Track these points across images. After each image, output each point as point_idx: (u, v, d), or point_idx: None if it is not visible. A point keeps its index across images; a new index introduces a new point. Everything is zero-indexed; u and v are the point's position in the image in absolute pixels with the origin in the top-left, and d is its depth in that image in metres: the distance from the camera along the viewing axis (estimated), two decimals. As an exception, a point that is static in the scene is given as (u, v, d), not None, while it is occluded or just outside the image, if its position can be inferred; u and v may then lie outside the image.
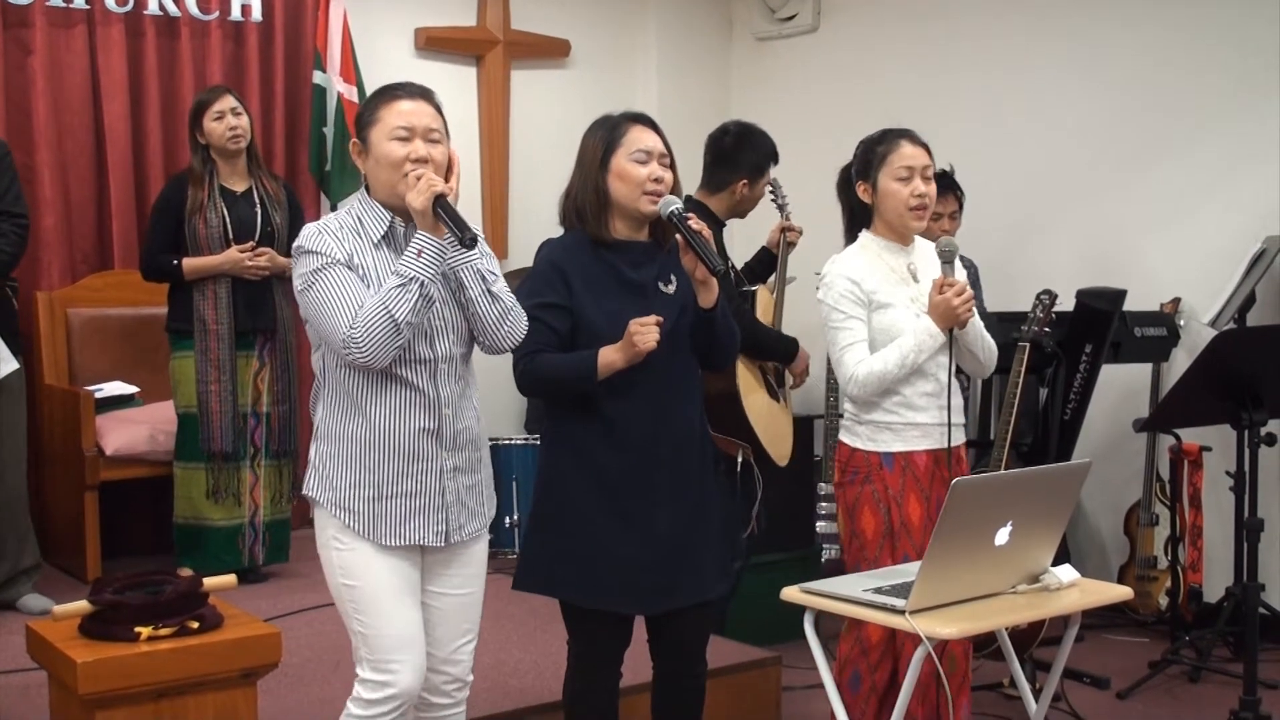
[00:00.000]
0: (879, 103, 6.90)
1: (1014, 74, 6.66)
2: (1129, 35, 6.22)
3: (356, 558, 3.16)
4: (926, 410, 3.86)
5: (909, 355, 3.79)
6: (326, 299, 3.07)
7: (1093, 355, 5.37)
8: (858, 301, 3.86)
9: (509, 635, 4.97)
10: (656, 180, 3.47)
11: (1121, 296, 5.38)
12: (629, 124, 3.53)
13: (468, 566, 3.32)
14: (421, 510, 3.18)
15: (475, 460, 3.30)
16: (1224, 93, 5.91)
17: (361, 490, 3.15)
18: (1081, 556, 6.18)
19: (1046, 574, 3.33)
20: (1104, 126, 6.32)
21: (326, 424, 3.21)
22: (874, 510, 3.86)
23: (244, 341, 5.64)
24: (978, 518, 3.09)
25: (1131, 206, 6.23)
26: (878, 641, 3.87)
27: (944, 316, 3.79)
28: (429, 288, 3.05)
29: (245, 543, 5.68)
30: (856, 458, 3.92)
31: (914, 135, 3.93)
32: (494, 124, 7.39)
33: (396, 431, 3.15)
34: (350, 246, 3.14)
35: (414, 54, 7.20)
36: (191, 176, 5.63)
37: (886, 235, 3.94)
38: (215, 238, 5.55)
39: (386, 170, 3.15)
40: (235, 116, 5.62)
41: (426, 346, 3.16)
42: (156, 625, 3.33)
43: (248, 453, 5.67)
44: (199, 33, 6.49)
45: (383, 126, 3.16)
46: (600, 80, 7.76)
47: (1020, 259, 6.50)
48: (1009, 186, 6.56)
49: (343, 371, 3.16)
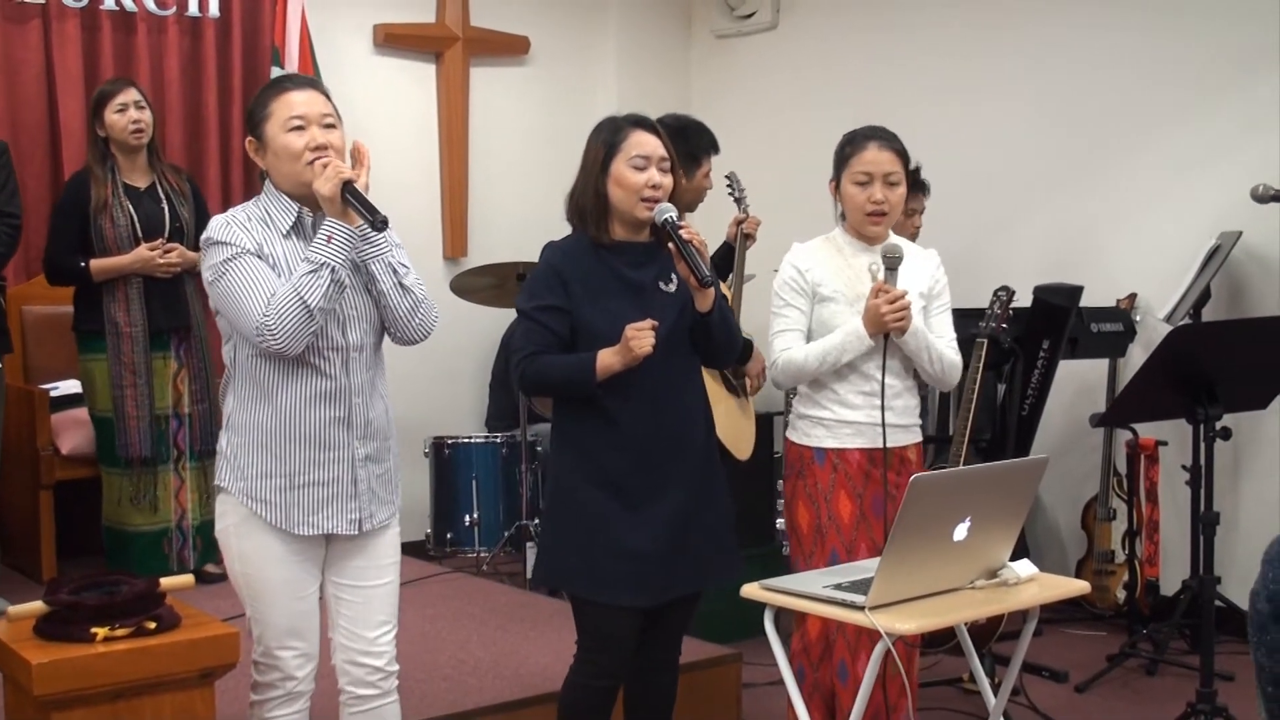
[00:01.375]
0: (839, 100, 6.91)
1: (973, 71, 6.68)
2: (1087, 34, 6.25)
3: (255, 546, 3.21)
4: (862, 409, 3.85)
5: (830, 354, 3.81)
6: (238, 288, 3.10)
7: (1050, 351, 5.39)
8: (799, 290, 3.88)
9: (469, 634, 4.96)
10: (654, 186, 3.50)
11: (1078, 292, 5.41)
12: (630, 128, 3.56)
13: (379, 556, 3.34)
14: (334, 498, 3.22)
15: (385, 449, 3.34)
16: (1179, 92, 5.94)
17: (273, 480, 3.19)
18: (1040, 551, 6.21)
19: (1005, 569, 3.34)
20: (1062, 124, 6.35)
21: (237, 414, 3.24)
22: (807, 505, 3.88)
23: (158, 342, 5.51)
24: (936, 513, 3.10)
25: (1089, 203, 6.26)
26: (816, 638, 3.88)
27: (873, 322, 3.78)
28: (340, 273, 3.09)
29: (173, 547, 5.58)
30: (792, 452, 3.95)
31: (885, 137, 3.92)
32: (453, 121, 7.36)
33: (308, 420, 3.18)
34: (259, 237, 3.16)
35: (372, 50, 7.16)
36: (91, 173, 5.50)
37: (854, 233, 3.96)
38: (124, 237, 5.44)
39: (287, 162, 3.17)
40: (138, 110, 5.50)
41: (340, 334, 3.19)
42: (113, 626, 3.30)
43: (170, 456, 5.57)
44: (155, 28, 6.44)
45: (276, 119, 3.18)
46: (560, 78, 7.74)
47: (980, 255, 6.52)
48: (969, 183, 6.58)
49: (253, 361, 3.18)
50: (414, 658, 4.46)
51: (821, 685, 3.92)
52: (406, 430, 5.13)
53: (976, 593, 3.28)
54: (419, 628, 4.95)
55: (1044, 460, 3.41)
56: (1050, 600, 3.45)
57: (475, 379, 7.18)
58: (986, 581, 3.31)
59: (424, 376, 6.78)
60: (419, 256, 6.79)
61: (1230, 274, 5.70)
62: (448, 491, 6.45)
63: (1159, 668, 5.31)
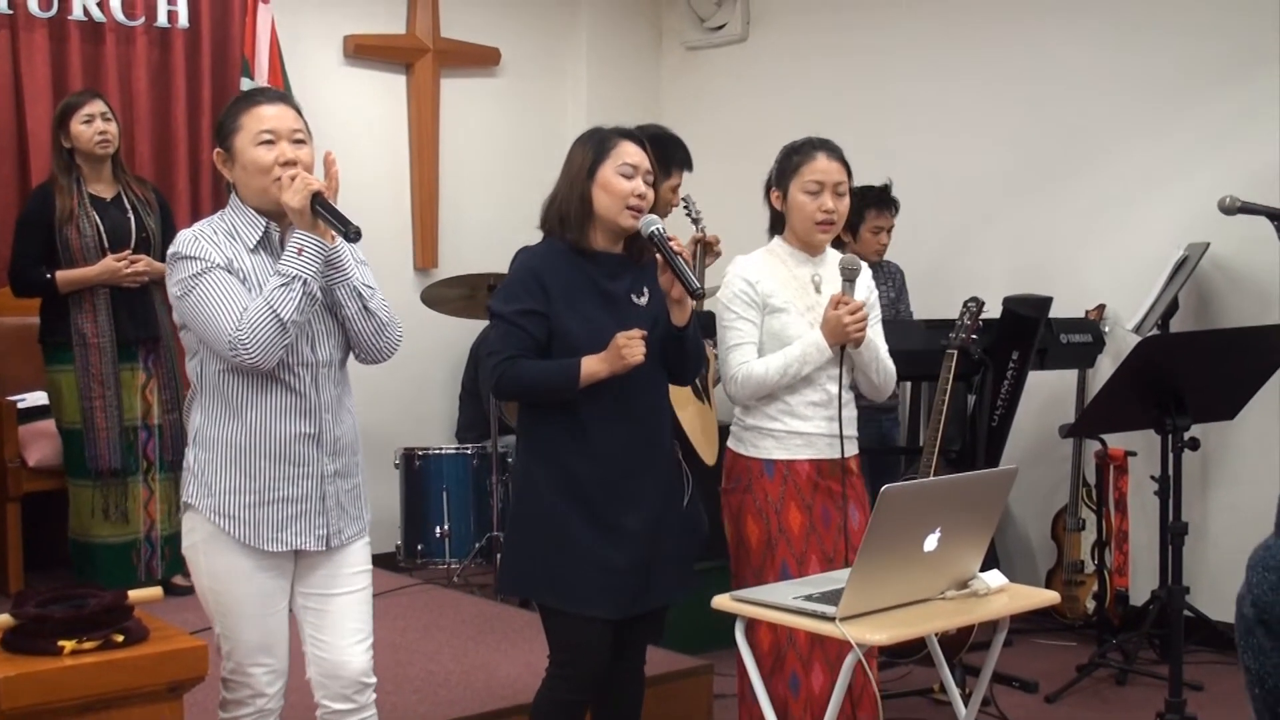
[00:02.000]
0: (809, 112, 6.93)
1: (943, 84, 6.71)
2: (1056, 48, 6.28)
3: (223, 563, 3.20)
4: (811, 420, 3.85)
5: (792, 365, 3.79)
6: (209, 303, 3.08)
7: (1019, 362, 5.41)
8: (750, 303, 3.86)
9: (440, 646, 4.94)
10: (639, 196, 3.51)
11: (1048, 303, 5.43)
12: (619, 138, 3.57)
13: (347, 567, 3.32)
14: (303, 515, 3.21)
15: (354, 464, 3.33)
16: (1147, 104, 5.97)
17: (241, 496, 3.18)
18: (1010, 561, 6.23)
19: (975, 579, 3.34)
20: (1031, 136, 6.38)
21: (205, 430, 3.22)
22: (756, 518, 3.85)
23: (126, 353, 5.48)
24: (907, 524, 3.10)
25: (1058, 215, 6.29)
26: (767, 650, 3.82)
27: (834, 332, 3.78)
28: (312, 285, 3.09)
29: (141, 558, 5.55)
30: (739, 464, 3.92)
31: (832, 148, 3.92)
32: (424, 132, 7.35)
33: (276, 436, 3.17)
34: (228, 251, 3.15)
35: (343, 62, 7.15)
36: (56, 184, 5.46)
37: (796, 244, 3.94)
38: (90, 247, 5.41)
39: (255, 176, 3.16)
40: (105, 122, 5.47)
41: (309, 350, 3.18)
42: (80, 639, 3.27)
43: (140, 467, 5.54)
44: (124, 39, 6.41)
45: (246, 133, 3.16)
46: (530, 89, 7.74)
47: (950, 266, 6.55)
48: (939, 195, 6.61)
49: (222, 377, 3.17)
50: (385, 670, 4.43)
51: (773, 699, 3.90)
52: (377, 441, 5.13)
53: (947, 603, 3.28)
54: (389, 640, 4.93)
55: (1013, 471, 3.42)
56: (1020, 610, 3.46)
57: (445, 390, 7.17)
58: (957, 592, 3.32)
59: (394, 387, 6.76)
60: (389, 267, 6.84)
61: (1198, 285, 5.74)
62: (418, 503, 6.43)
63: (1129, 677, 5.33)
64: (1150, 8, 5.95)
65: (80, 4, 6.26)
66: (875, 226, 5.88)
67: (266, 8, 6.61)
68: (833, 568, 3.72)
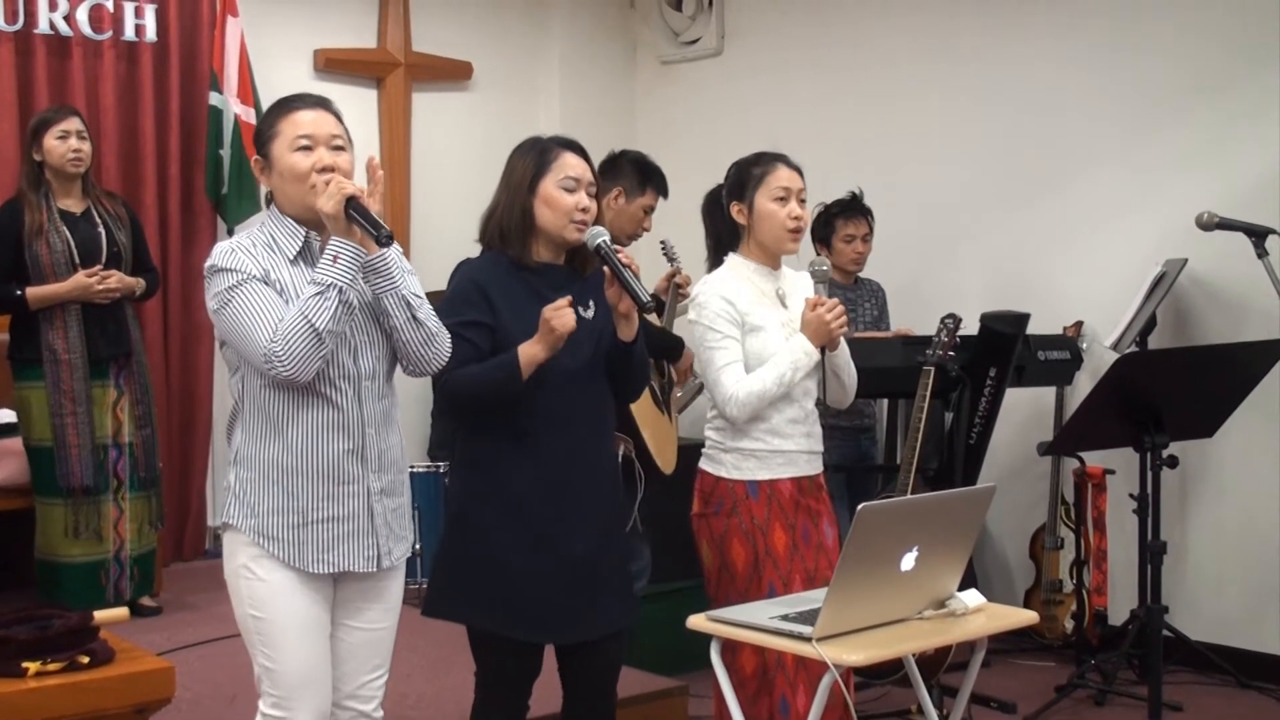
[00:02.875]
0: (785, 127, 6.95)
1: (919, 98, 6.74)
2: (1032, 64, 6.31)
3: (267, 590, 3.10)
4: (792, 437, 3.86)
5: (786, 373, 3.78)
6: (245, 315, 3.02)
7: (997, 379, 5.42)
8: (733, 321, 3.83)
9: (413, 666, 4.93)
10: (583, 210, 3.47)
11: (1025, 320, 5.45)
12: (560, 150, 3.53)
13: (385, 600, 3.27)
14: (350, 535, 3.14)
15: (399, 483, 3.27)
16: (1124, 120, 6.00)
17: (285, 516, 3.09)
18: (988, 581, 6.24)
19: (953, 599, 3.34)
20: (1007, 151, 6.40)
21: (246, 448, 3.14)
22: (743, 542, 3.82)
23: (98, 370, 5.47)
24: (884, 543, 3.11)
25: (1036, 231, 6.31)
26: (752, 673, 3.80)
27: (818, 333, 3.78)
28: (348, 293, 3.02)
29: (109, 578, 5.53)
30: (721, 487, 3.87)
31: (789, 160, 3.94)
32: (395, 147, 7.35)
33: (319, 453, 3.10)
34: (266, 263, 3.09)
35: (313, 75, 7.15)
36: (25, 200, 5.45)
37: (758, 258, 3.93)
38: (61, 262, 5.40)
39: (293, 183, 3.10)
40: (80, 140, 5.47)
41: (351, 361, 3.12)
42: (45, 660, 3.26)
43: (110, 485, 5.53)
44: (91, 52, 6.40)
45: (283, 139, 3.11)
46: (503, 103, 7.75)
47: (927, 283, 6.56)
48: (915, 211, 6.62)
49: (263, 393, 3.10)
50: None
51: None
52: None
53: (924, 623, 3.28)
54: (360, 662, 4.90)
55: (991, 489, 3.43)
56: (998, 631, 3.46)
57: (417, 406, 7.15)
58: (934, 612, 3.31)
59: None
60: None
61: (1176, 301, 5.76)
62: (389, 523, 6.40)
63: (1107, 698, 5.33)
64: (1126, 25, 5.98)
65: (46, 18, 6.25)
66: (847, 235, 5.88)
67: (236, 21, 6.61)
68: (814, 586, 3.71)
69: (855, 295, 5.97)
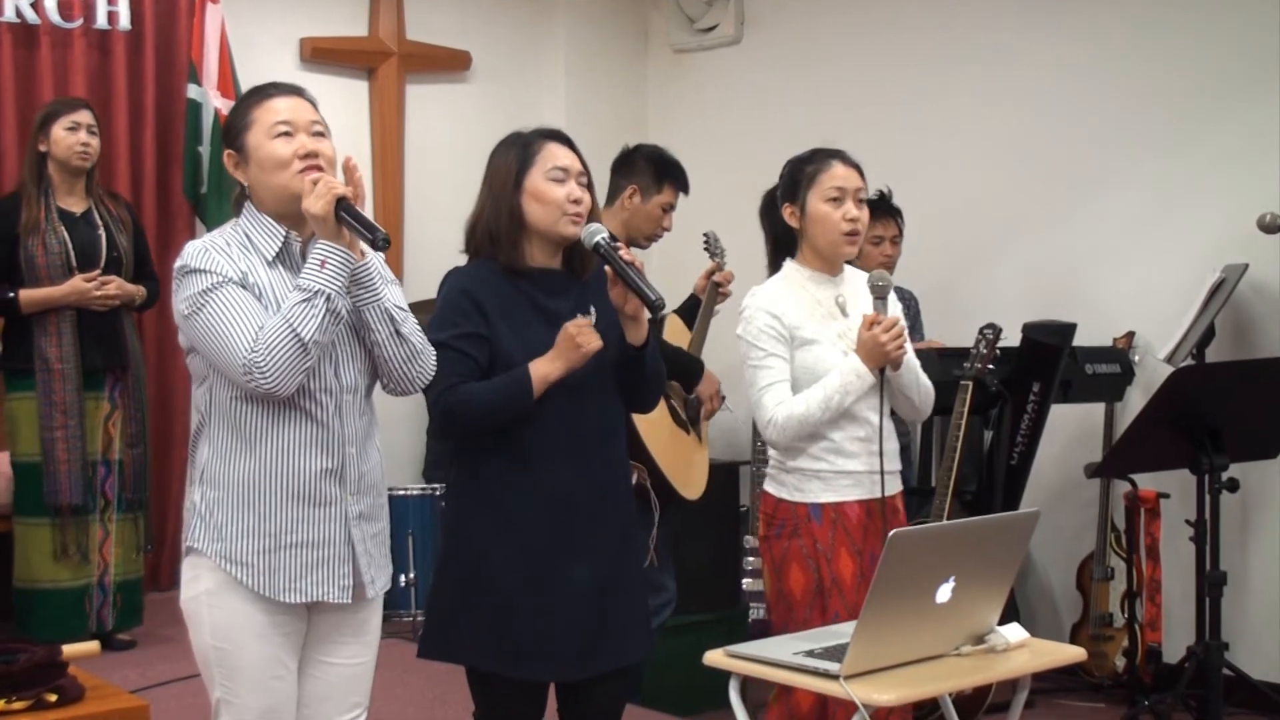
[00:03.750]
0: (806, 120, 6.94)
1: (955, 91, 6.72)
2: (1079, 53, 6.29)
3: (232, 620, 3.07)
4: (858, 457, 3.84)
5: (833, 397, 3.76)
6: (221, 322, 2.98)
7: (1041, 394, 5.41)
8: (778, 338, 3.83)
9: (404, 707, 4.92)
10: (576, 201, 3.46)
11: (1071, 330, 5.43)
12: (542, 140, 3.52)
13: (363, 634, 3.25)
14: (326, 561, 3.10)
15: (379, 506, 3.25)
16: (1177, 113, 5.98)
17: (256, 539, 3.06)
18: (1031, 614, 6.21)
19: (993, 633, 3.33)
20: (1052, 147, 6.38)
21: (213, 466, 3.10)
22: (803, 567, 3.82)
23: (92, 381, 5.51)
24: (917, 572, 3.09)
25: (1082, 233, 6.29)
26: (809, 710, 3.80)
27: (872, 355, 3.76)
28: (336, 301, 2.99)
29: (92, 605, 5.55)
30: (782, 509, 3.88)
31: (847, 156, 3.92)
32: (387, 143, 7.36)
33: (295, 472, 3.06)
34: (243, 264, 3.06)
35: (299, 66, 7.15)
36: (24, 194, 5.50)
37: (814, 264, 3.93)
38: (56, 264, 5.43)
39: (273, 172, 3.08)
40: (90, 134, 5.54)
41: (333, 375, 3.09)
42: (9, 698, 3.25)
43: (97, 505, 5.55)
44: (60, 42, 6.41)
45: (260, 127, 3.10)
46: (504, 96, 7.75)
47: (962, 290, 6.54)
48: (950, 212, 6.61)
49: (235, 405, 3.07)
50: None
51: None
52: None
53: (962, 660, 3.27)
54: (348, 701, 4.90)
55: (1035, 514, 3.41)
56: (1043, 668, 3.44)
57: (411, 424, 7.15)
58: (973, 647, 3.30)
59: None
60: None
61: (1236, 310, 5.74)
62: (381, 550, 6.40)
63: (1162, 742, 5.31)
64: (1177, 12, 5.96)
65: (12, 4, 6.27)
66: (875, 236, 5.85)
67: (215, 8, 6.62)
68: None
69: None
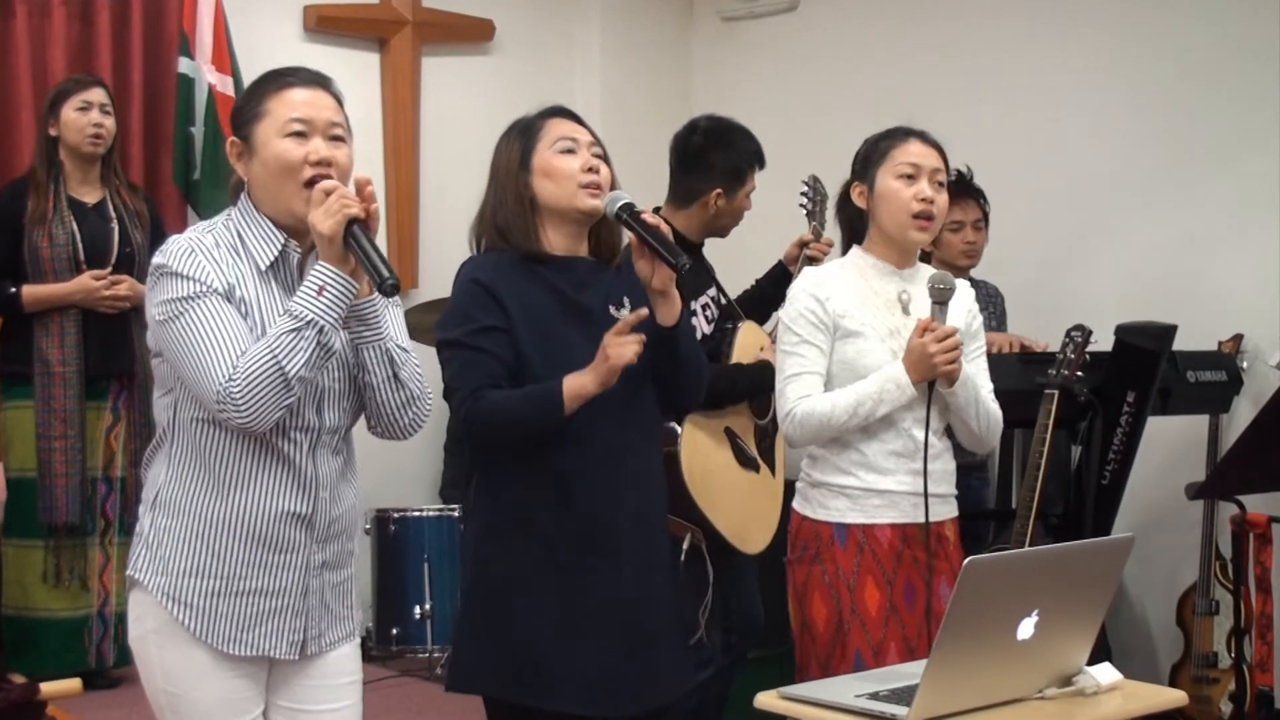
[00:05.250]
0: (869, 96, 6.94)
1: (1038, 64, 6.70)
2: (1180, 21, 6.27)
3: (184, 661, 3.08)
4: (894, 474, 3.83)
5: (865, 404, 3.75)
6: (198, 340, 2.95)
7: (1136, 405, 5.39)
8: (818, 324, 3.83)
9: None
10: (591, 170, 3.48)
11: (1171, 333, 5.42)
12: (545, 118, 3.58)
13: (334, 676, 3.24)
14: (277, 613, 3.10)
15: (346, 554, 3.24)
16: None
17: (204, 581, 3.06)
18: (1124, 653, 6.19)
19: (1081, 675, 3.33)
20: (1150, 126, 6.36)
21: (170, 491, 3.10)
22: (825, 597, 3.82)
23: (94, 389, 5.57)
24: (995, 605, 3.09)
25: (1183, 223, 6.27)
26: None
27: (918, 365, 3.74)
28: (329, 335, 2.96)
29: (92, 638, 5.59)
30: (805, 529, 3.89)
31: (928, 135, 3.94)
32: (401, 122, 7.38)
33: (258, 512, 3.06)
34: (232, 274, 3.03)
35: (303, 37, 7.18)
36: (33, 181, 5.56)
37: (882, 253, 3.93)
38: (62, 259, 5.49)
39: (277, 176, 3.05)
40: (102, 114, 5.61)
41: (313, 412, 3.09)
42: (-21, 743, 3.29)
43: (97, 527, 5.59)
44: (37, 10, 6.43)
45: (271, 121, 3.07)
46: (531, 69, 7.77)
47: (1048, 288, 6.53)
48: (1032, 200, 6.59)
49: (199, 428, 3.06)
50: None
51: None
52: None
53: (1046, 704, 3.27)
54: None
55: (1129, 540, 3.40)
56: (1139, 714, 3.43)
57: (427, 439, 7.16)
58: (1059, 690, 3.30)
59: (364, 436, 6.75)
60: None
61: (1358, 310, 5.73)
62: (394, 577, 6.42)
63: (1274, 797, 5.30)
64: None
65: (-17, -32, 6.31)
66: (954, 222, 5.81)
67: (210, -27, 6.65)
68: (915, 659, 3.69)
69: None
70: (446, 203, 7.38)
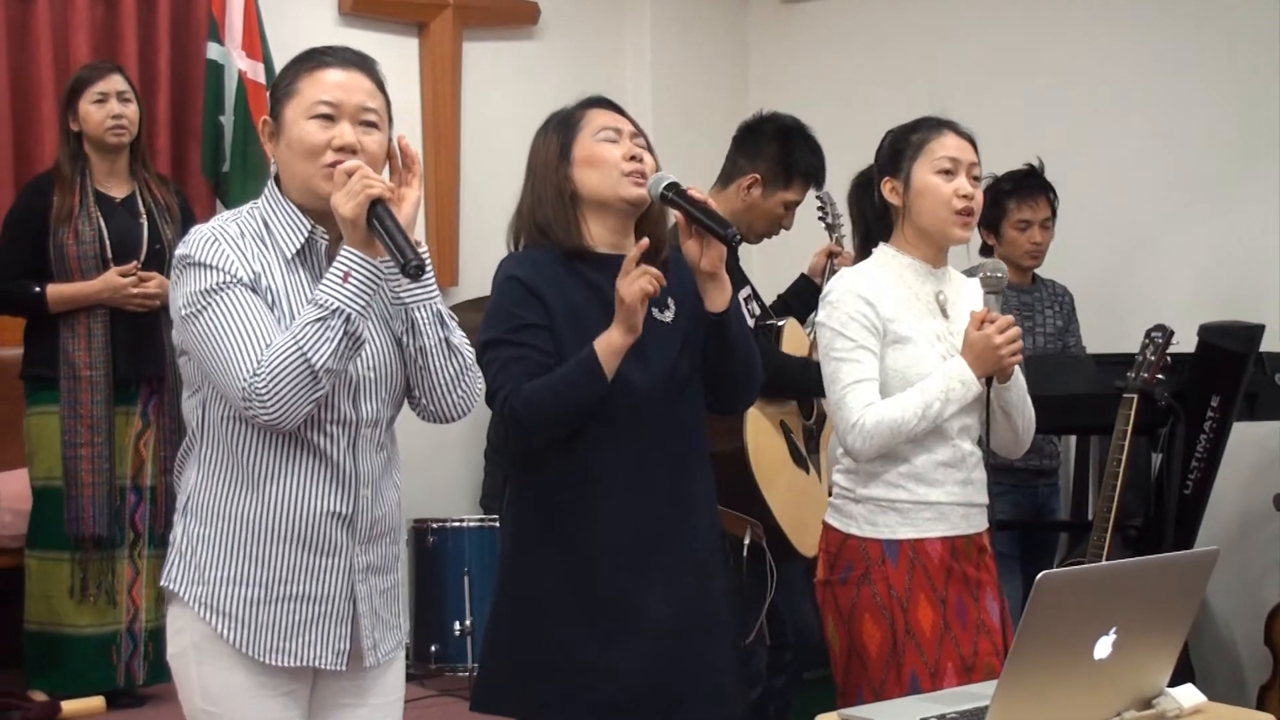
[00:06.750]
0: (938, 81, 6.91)
1: (1115, 45, 6.69)
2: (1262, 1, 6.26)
3: (224, 679, 3.07)
4: (942, 485, 3.82)
5: (934, 404, 3.74)
6: (224, 333, 2.95)
7: (1221, 410, 5.37)
8: (870, 329, 3.80)
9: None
10: (634, 159, 3.51)
11: (1258, 333, 5.40)
12: (584, 109, 3.61)
13: (380, 694, 3.24)
14: (320, 620, 3.09)
15: (392, 557, 3.24)
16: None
17: (242, 588, 3.05)
18: (1208, 673, 6.17)
19: (1162, 696, 3.31)
20: (1235, 114, 6.34)
21: (202, 495, 3.10)
22: (877, 619, 3.79)
23: (123, 394, 5.57)
24: (1071, 622, 3.08)
25: (1269, 215, 6.24)
26: None
27: (982, 359, 3.73)
28: (356, 324, 2.95)
29: (121, 656, 5.60)
30: (850, 547, 3.85)
31: (959, 126, 3.92)
32: (440, 111, 7.39)
33: (297, 513, 3.05)
34: (257, 263, 3.04)
35: (338, 21, 7.19)
36: (58, 176, 5.58)
37: (915, 251, 3.91)
38: (89, 256, 5.50)
39: (301, 159, 3.06)
40: (121, 103, 5.60)
41: (349, 404, 3.08)
42: (-2, 764, 3.32)
43: (126, 539, 5.60)
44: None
45: (300, 101, 3.07)
46: (577, 53, 7.77)
47: (1125, 286, 6.51)
48: (1107, 192, 6.58)
49: (231, 428, 3.06)
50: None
51: None
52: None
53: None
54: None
55: (1213, 553, 3.39)
56: (1223, 738, 3.43)
57: (466, 447, 7.18)
58: (1138, 713, 3.29)
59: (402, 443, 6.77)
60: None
61: None
62: (433, 591, 6.43)
63: (1368, 827, 5.26)
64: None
65: (3, -46, 6.35)
66: (1022, 220, 5.81)
67: (240, -45, 6.67)
68: (971, 679, 3.68)
69: (1033, 299, 5.93)
70: (488, 195, 7.40)
